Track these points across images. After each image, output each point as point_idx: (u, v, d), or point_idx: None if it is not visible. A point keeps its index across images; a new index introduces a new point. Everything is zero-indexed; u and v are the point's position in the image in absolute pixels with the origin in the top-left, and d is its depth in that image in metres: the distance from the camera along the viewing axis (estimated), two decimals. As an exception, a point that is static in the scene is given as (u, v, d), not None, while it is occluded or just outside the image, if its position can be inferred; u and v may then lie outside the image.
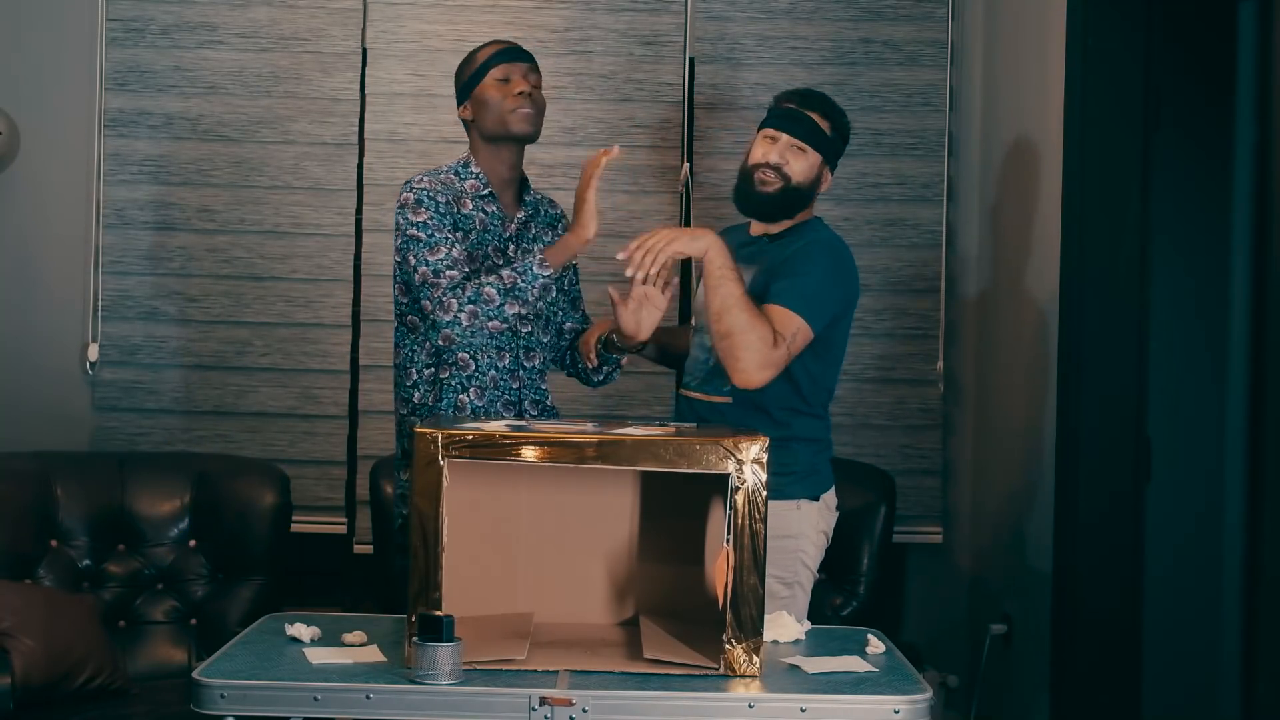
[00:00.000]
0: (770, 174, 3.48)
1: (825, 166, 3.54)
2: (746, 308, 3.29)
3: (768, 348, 3.28)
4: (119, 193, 4.66)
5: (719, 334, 3.31)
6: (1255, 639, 3.91)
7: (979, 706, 4.54)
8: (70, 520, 4.09)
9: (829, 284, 3.43)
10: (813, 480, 3.48)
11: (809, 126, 3.50)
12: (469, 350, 3.42)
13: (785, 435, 3.39)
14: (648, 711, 2.68)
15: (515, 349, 3.45)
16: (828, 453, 3.55)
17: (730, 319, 3.28)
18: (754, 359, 3.28)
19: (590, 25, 4.70)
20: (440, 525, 2.76)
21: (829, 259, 3.46)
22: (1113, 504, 3.88)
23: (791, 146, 3.49)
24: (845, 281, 3.49)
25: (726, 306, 3.28)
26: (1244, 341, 4.06)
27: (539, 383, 3.50)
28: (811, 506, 3.48)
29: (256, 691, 2.71)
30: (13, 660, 3.60)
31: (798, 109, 3.52)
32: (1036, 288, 4.22)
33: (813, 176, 3.52)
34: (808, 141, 3.49)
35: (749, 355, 3.28)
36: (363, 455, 4.64)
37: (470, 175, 3.48)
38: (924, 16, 4.73)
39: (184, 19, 4.67)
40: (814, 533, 3.48)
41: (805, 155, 3.49)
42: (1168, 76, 3.93)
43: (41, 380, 4.67)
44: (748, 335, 3.28)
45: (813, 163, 3.51)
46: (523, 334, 3.46)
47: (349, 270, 4.68)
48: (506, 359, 3.44)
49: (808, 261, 3.42)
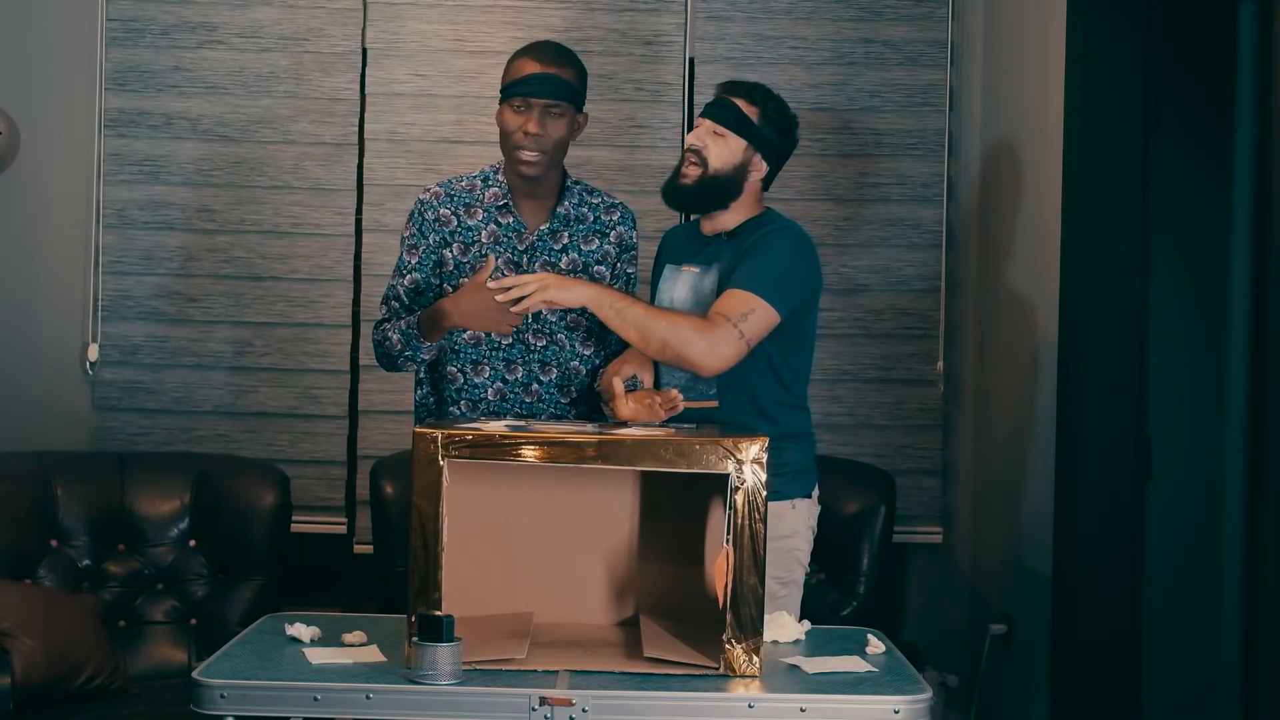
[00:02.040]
0: (691, 158, 3.43)
1: (753, 153, 3.43)
2: (658, 315, 3.25)
3: (708, 332, 3.20)
4: (119, 193, 4.66)
5: (657, 353, 3.25)
6: (1255, 639, 3.91)
7: (979, 706, 4.54)
8: (70, 520, 4.09)
9: (791, 267, 3.35)
10: (805, 478, 3.48)
11: (729, 111, 3.43)
12: (456, 364, 3.42)
13: (778, 433, 3.38)
14: (648, 711, 2.68)
15: (529, 362, 3.43)
16: (814, 448, 3.55)
17: (653, 333, 3.21)
18: (699, 348, 3.20)
19: (590, 25, 4.70)
20: (440, 525, 2.76)
21: (790, 244, 3.38)
22: (1113, 504, 3.88)
23: (711, 132, 3.43)
24: (808, 266, 3.41)
25: (641, 326, 3.21)
26: (1244, 341, 4.06)
27: (558, 397, 3.45)
28: (804, 504, 3.48)
29: (256, 691, 2.71)
30: (13, 660, 3.60)
31: (722, 95, 3.48)
32: (1036, 288, 4.22)
33: (734, 163, 3.42)
34: (726, 125, 3.42)
35: (692, 348, 3.20)
36: (363, 455, 4.64)
37: (495, 183, 3.46)
38: (924, 16, 4.73)
39: (184, 19, 4.67)
40: (806, 530, 3.49)
41: (725, 140, 3.41)
42: (1168, 76, 3.93)
43: (41, 380, 4.67)
44: (678, 333, 3.20)
45: (734, 148, 3.41)
46: (536, 348, 3.43)
47: (349, 270, 4.69)
48: (519, 372, 3.43)
49: (768, 247, 3.35)
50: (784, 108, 3.50)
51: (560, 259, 3.45)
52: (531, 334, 3.43)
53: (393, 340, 3.37)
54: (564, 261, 3.44)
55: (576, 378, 3.47)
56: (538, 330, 3.44)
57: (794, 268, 3.35)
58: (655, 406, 3.19)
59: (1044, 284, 4.14)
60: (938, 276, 4.74)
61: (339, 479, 4.68)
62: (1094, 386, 3.88)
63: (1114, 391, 3.88)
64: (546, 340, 3.44)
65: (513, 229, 3.43)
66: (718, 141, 3.43)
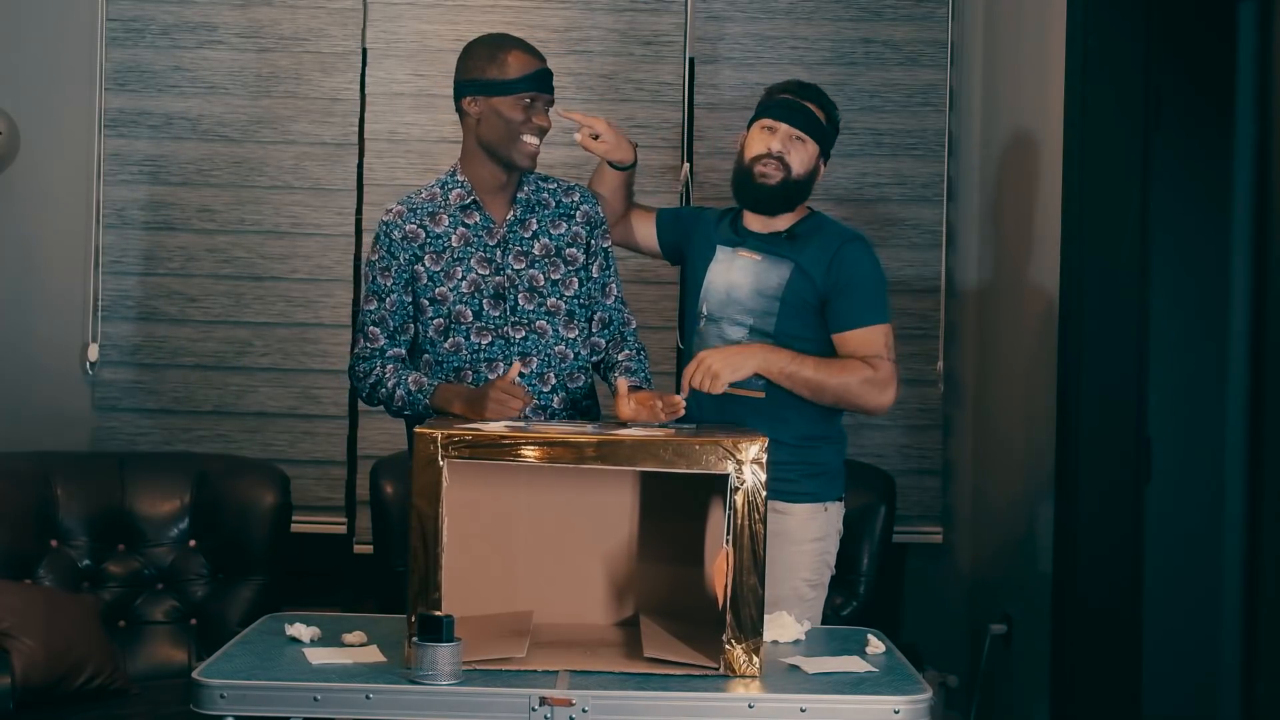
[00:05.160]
0: (772, 165, 3.46)
1: (821, 158, 3.53)
2: (830, 370, 3.38)
3: (872, 379, 3.38)
4: (119, 193, 4.66)
5: (833, 404, 3.43)
6: (1255, 639, 3.91)
7: (979, 706, 4.54)
8: (70, 520, 4.09)
9: (880, 277, 3.51)
10: (838, 481, 3.52)
11: (807, 116, 3.48)
12: (441, 375, 3.39)
13: (818, 435, 3.43)
14: (648, 711, 2.68)
15: (508, 357, 3.38)
16: (845, 452, 3.58)
17: (826, 391, 3.38)
18: (871, 396, 3.40)
19: (590, 25, 4.70)
20: (440, 525, 2.76)
21: (869, 257, 3.50)
22: (1113, 504, 3.88)
23: (791, 136, 3.47)
24: (879, 262, 3.54)
25: (813, 386, 3.37)
26: (1244, 341, 4.06)
27: (539, 387, 3.39)
28: (835, 507, 3.51)
29: (256, 691, 2.71)
30: (13, 660, 3.60)
31: (794, 99, 3.50)
32: (1036, 288, 4.22)
33: (811, 167, 3.50)
34: (806, 131, 3.47)
35: (867, 399, 3.40)
36: (363, 455, 4.64)
37: (456, 184, 3.44)
38: (924, 16, 4.73)
39: (184, 19, 4.67)
40: (834, 533, 3.52)
41: (805, 145, 3.48)
42: (1168, 76, 3.93)
43: (41, 380, 4.67)
44: (850, 387, 3.38)
45: (811, 153, 3.49)
46: (515, 340, 3.39)
47: (349, 270, 4.69)
48: (499, 368, 3.37)
49: (859, 269, 3.45)
50: (837, 110, 3.60)
51: (533, 246, 3.41)
52: (510, 327, 3.39)
53: (393, 394, 3.34)
54: (536, 248, 3.41)
55: (562, 363, 3.43)
56: (515, 323, 3.39)
57: (881, 277, 3.52)
58: (657, 409, 3.20)
59: (1044, 284, 4.14)
60: (938, 276, 4.74)
61: (339, 479, 4.68)
62: (1094, 386, 3.88)
63: (1114, 391, 3.88)
64: (525, 331, 3.39)
65: (481, 226, 3.41)
66: (799, 147, 3.49)
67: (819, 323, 3.43)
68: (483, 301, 3.37)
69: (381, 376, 3.38)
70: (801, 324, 3.43)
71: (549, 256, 3.43)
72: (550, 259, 3.43)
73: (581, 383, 3.46)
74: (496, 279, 3.39)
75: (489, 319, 3.37)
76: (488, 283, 3.38)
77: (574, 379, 3.44)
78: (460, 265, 3.38)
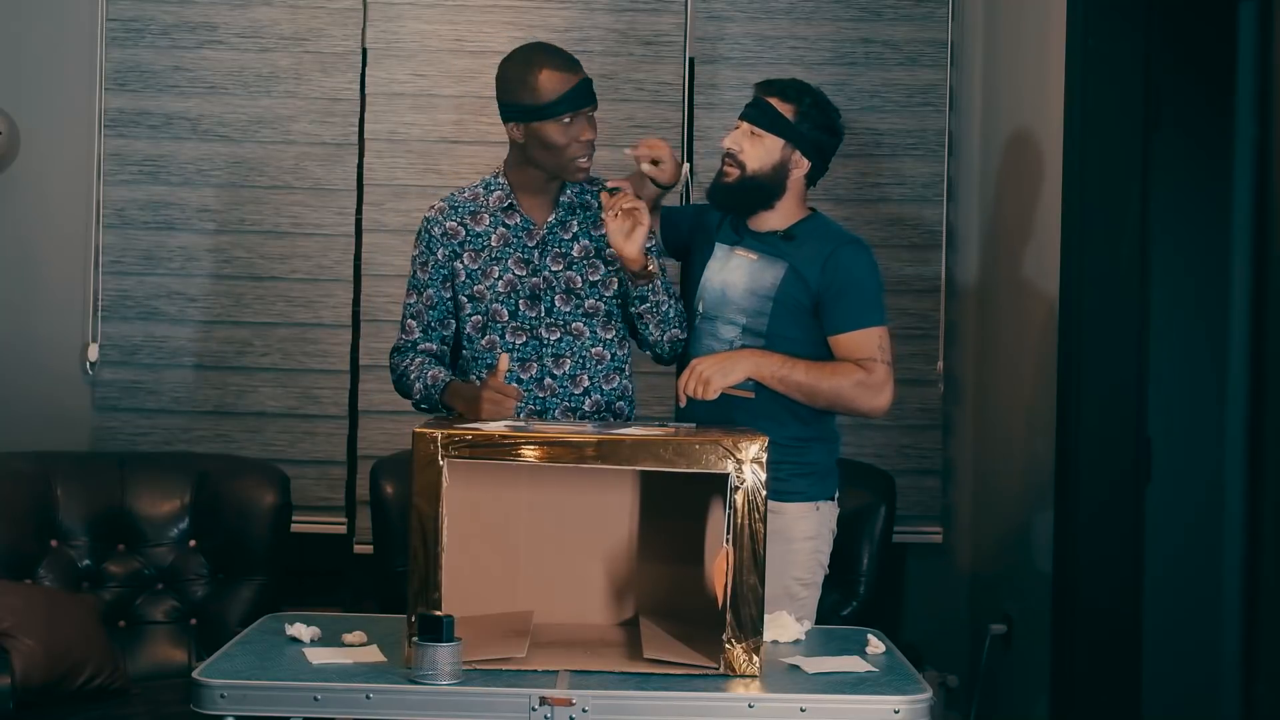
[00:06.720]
0: (728, 163, 3.45)
1: (791, 150, 3.44)
2: (821, 374, 3.37)
3: (865, 382, 3.37)
4: (119, 193, 4.66)
5: (826, 408, 3.43)
6: (1255, 639, 3.91)
7: (979, 706, 4.54)
8: (70, 520, 4.09)
9: (877, 281, 3.50)
10: (830, 480, 3.51)
11: (763, 110, 3.44)
12: (475, 372, 3.43)
13: (810, 435, 3.42)
14: (648, 711, 2.68)
15: (542, 358, 3.42)
16: (839, 451, 3.57)
17: (819, 395, 3.38)
18: (865, 399, 3.39)
19: (590, 25, 4.70)
20: (440, 525, 2.76)
21: (866, 259, 3.48)
22: (1113, 504, 3.88)
23: (747, 133, 3.45)
24: (876, 266, 3.53)
25: (806, 390, 3.37)
26: (1244, 341, 4.06)
27: (571, 389, 3.42)
28: (827, 507, 3.50)
29: (256, 691, 2.71)
30: (13, 660, 3.60)
31: (757, 95, 3.48)
32: (1036, 288, 4.22)
33: (772, 163, 3.44)
34: (761, 125, 3.43)
35: (860, 402, 3.40)
36: (363, 455, 4.63)
37: (497, 187, 3.46)
38: (924, 16, 4.73)
39: (184, 19, 4.67)
40: (828, 533, 3.52)
41: (761, 141, 3.43)
42: (1168, 76, 3.93)
43: (41, 380, 4.66)
44: (843, 390, 3.38)
45: (770, 148, 3.43)
46: (550, 342, 3.42)
47: (349, 270, 4.68)
48: (533, 369, 3.41)
49: (854, 272, 3.44)
50: (822, 101, 3.51)
51: (572, 248, 3.44)
52: (544, 328, 3.42)
53: (414, 387, 3.42)
54: (575, 250, 3.44)
55: (599, 365, 3.45)
56: (550, 324, 3.43)
57: (877, 280, 3.50)
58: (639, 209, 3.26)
59: (1044, 284, 4.14)
60: (938, 276, 4.74)
61: (339, 479, 4.68)
62: (1094, 386, 3.89)
63: (1114, 391, 3.88)
64: (560, 332, 3.42)
65: (521, 228, 3.44)
66: (754, 143, 3.45)
67: (812, 324, 3.43)
68: (519, 301, 3.41)
69: (408, 369, 3.44)
70: (794, 325, 3.42)
71: (588, 258, 3.45)
72: (589, 260, 3.45)
73: (617, 384, 3.47)
74: (533, 280, 3.41)
75: (524, 319, 3.41)
76: (524, 283, 3.41)
77: (609, 380, 3.46)
78: (498, 265, 3.41)
